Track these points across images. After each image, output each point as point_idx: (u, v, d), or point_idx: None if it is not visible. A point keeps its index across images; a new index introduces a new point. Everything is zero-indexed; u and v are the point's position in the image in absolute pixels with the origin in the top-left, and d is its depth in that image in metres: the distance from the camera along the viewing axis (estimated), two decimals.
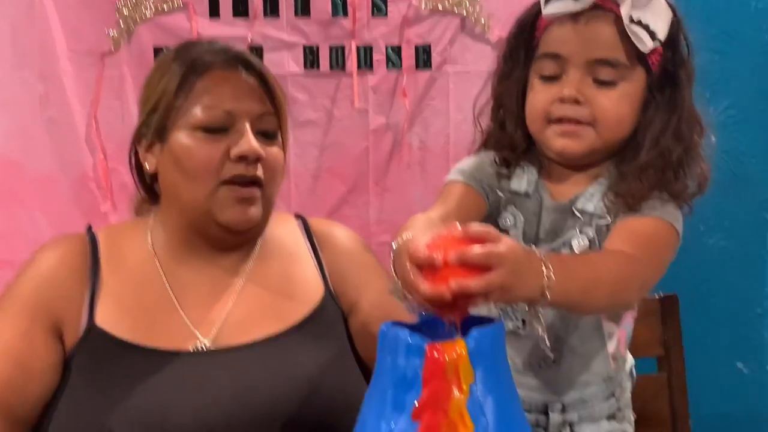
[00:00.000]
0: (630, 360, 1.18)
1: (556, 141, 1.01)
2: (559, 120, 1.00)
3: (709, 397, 2.15)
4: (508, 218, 1.06)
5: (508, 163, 1.08)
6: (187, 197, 1.09)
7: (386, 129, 1.93)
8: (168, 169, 1.11)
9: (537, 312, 0.85)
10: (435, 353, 0.61)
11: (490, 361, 0.63)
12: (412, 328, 0.66)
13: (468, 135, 1.29)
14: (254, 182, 1.09)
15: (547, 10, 0.99)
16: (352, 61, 1.90)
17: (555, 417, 1.08)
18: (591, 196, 1.04)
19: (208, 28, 1.85)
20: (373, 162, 1.93)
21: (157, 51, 1.83)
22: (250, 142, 1.07)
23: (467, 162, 1.11)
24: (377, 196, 1.95)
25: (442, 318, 0.71)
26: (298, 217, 1.25)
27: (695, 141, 1.02)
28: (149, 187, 1.18)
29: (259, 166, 1.09)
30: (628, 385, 1.15)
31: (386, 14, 1.90)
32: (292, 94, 1.84)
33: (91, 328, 1.06)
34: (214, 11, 1.86)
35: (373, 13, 1.90)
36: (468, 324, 0.66)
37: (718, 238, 2.16)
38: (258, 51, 1.84)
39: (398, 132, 1.93)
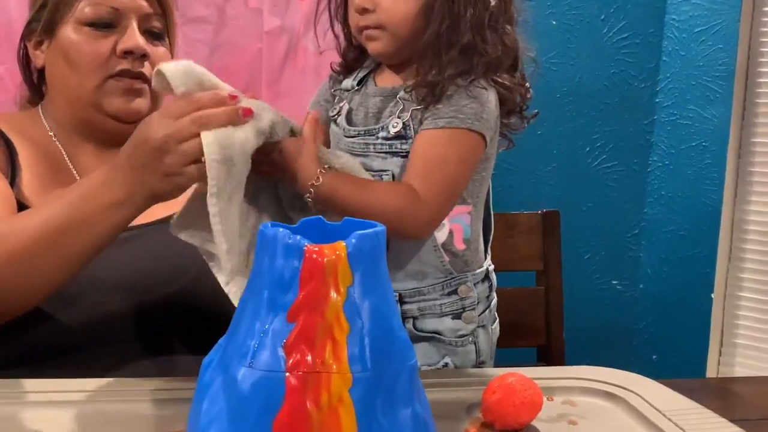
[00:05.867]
0: (487, 264, 1.18)
1: (368, 45, 1.12)
2: (365, 27, 1.10)
3: (584, 311, 2.26)
4: (334, 109, 1.18)
5: (348, 69, 1.20)
6: (75, 89, 1.12)
7: (281, 32, 1.88)
8: (56, 63, 1.13)
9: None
10: (314, 254, 0.60)
11: (368, 264, 0.62)
12: (293, 230, 0.64)
13: None
14: (140, 77, 1.13)
15: None
16: None
17: None
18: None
19: None
20: (267, 65, 1.88)
21: None
22: (135, 38, 1.11)
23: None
24: (270, 102, 1.87)
25: None
26: None
27: (475, 17, 1.05)
28: (35, 84, 1.22)
29: (147, 64, 1.13)
30: (481, 288, 1.15)
31: None
32: None
33: (19, 202, 1.07)
34: None
35: None
36: (349, 229, 0.66)
37: (602, 158, 2.22)
38: None
39: (293, 36, 1.88)
